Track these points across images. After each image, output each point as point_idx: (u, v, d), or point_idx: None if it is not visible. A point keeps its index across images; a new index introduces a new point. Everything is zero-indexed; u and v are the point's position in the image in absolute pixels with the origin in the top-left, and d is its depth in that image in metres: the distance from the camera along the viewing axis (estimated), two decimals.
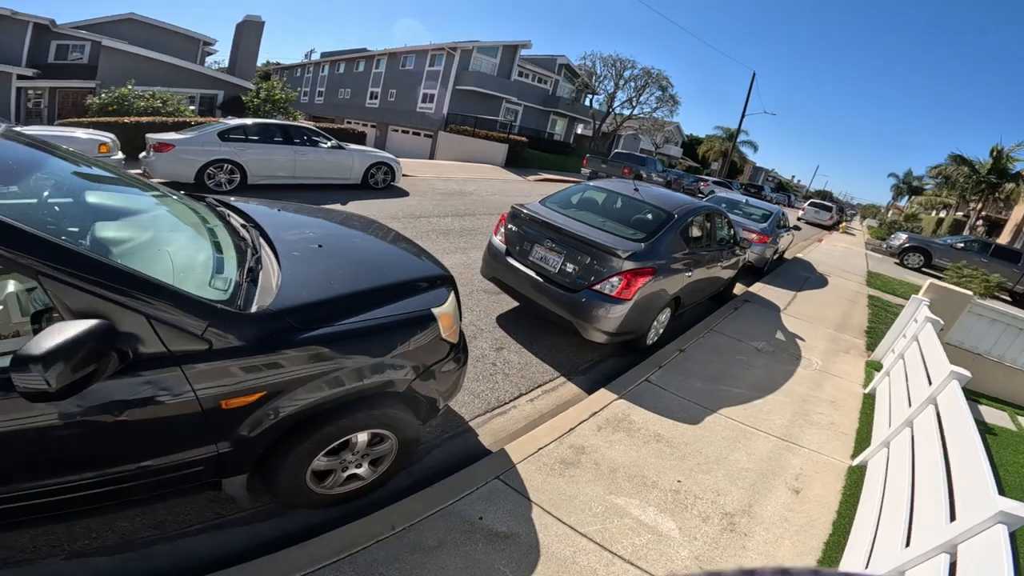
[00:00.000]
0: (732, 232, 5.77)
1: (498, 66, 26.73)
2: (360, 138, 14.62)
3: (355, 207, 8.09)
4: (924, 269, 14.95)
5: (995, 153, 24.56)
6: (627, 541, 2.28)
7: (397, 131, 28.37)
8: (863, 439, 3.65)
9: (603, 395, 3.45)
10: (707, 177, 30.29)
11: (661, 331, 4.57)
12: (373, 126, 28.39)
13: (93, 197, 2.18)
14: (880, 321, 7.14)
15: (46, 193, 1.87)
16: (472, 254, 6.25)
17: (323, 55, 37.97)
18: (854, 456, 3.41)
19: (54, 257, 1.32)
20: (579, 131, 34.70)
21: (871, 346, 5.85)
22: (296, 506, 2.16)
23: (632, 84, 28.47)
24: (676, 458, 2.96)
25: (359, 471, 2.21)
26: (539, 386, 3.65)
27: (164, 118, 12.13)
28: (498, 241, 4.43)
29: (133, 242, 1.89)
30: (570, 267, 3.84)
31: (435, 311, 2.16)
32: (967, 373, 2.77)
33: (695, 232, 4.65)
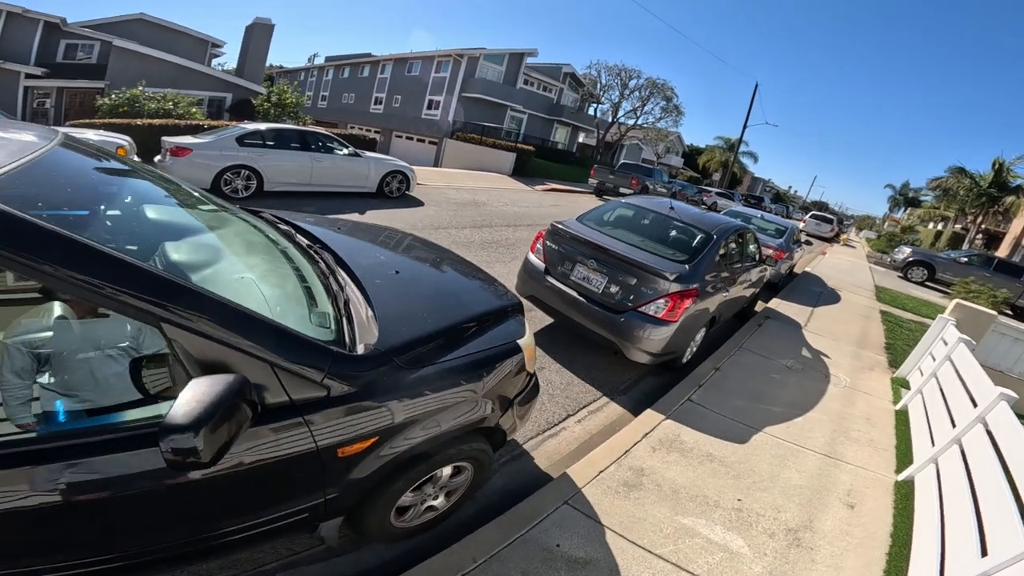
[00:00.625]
0: (759, 248, 5.84)
1: (504, 74, 26.80)
2: (371, 144, 14.50)
3: (373, 217, 8.10)
4: (928, 283, 15.10)
5: (996, 166, 24.96)
6: (702, 560, 2.32)
7: (401, 137, 28.39)
8: (904, 455, 3.73)
9: (651, 416, 3.47)
10: (710, 188, 30.36)
11: (695, 349, 4.62)
12: (377, 131, 28.28)
13: (153, 212, 1.96)
14: (897, 337, 7.23)
15: (107, 210, 1.69)
16: (496, 268, 6.26)
17: (327, 59, 37.90)
18: (898, 471, 3.49)
19: (185, 302, 1.21)
20: (581, 140, 34.89)
21: (893, 363, 5.92)
22: (375, 540, 2.14)
23: (637, 94, 28.67)
24: (732, 477, 3.00)
25: (435, 502, 2.19)
26: (584, 407, 3.67)
27: (176, 121, 11.92)
28: (536, 259, 4.44)
29: (212, 269, 1.74)
30: (614, 288, 3.87)
31: (520, 343, 2.15)
32: (1014, 394, 2.91)
33: (730, 251, 4.70)
